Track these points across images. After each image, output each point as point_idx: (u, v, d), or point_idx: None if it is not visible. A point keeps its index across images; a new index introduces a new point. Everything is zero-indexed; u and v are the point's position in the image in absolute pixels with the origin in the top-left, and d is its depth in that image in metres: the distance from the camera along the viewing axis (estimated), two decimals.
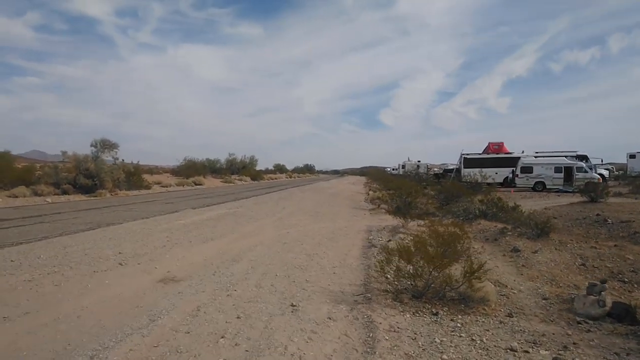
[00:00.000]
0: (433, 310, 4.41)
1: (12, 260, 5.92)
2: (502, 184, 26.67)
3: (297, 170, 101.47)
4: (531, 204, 15.28)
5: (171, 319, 3.91)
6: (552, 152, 26.78)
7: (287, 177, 72.39)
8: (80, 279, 5.14)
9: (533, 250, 6.89)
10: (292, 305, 4.41)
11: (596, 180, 22.43)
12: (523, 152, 28.21)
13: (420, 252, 4.70)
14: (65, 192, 19.04)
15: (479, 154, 29.98)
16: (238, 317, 4.01)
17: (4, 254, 6.29)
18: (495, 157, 28.80)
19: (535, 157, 25.68)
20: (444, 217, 14.92)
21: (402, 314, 4.28)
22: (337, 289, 5.09)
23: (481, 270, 4.51)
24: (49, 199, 17.14)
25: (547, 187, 23.47)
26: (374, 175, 59.06)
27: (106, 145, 20.21)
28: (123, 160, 22.04)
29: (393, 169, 78.10)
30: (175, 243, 7.57)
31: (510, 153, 29.02)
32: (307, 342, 3.52)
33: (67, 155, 19.68)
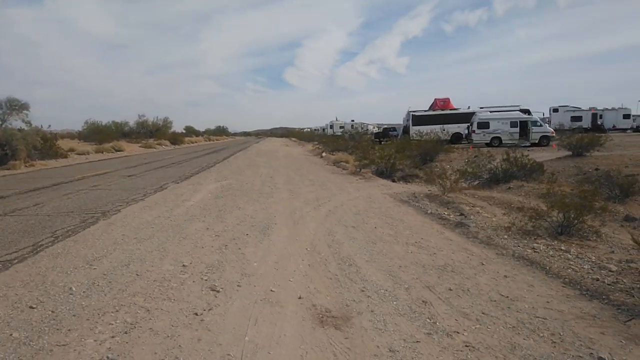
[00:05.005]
0: None
1: (31, 307, 3.37)
2: (450, 141, 26.79)
3: (209, 133, 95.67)
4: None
5: None
6: (498, 106, 27.72)
7: (206, 141, 67.20)
8: (193, 338, 2.93)
9: None
10: None
11: (550, 134, 23.83)
12: (469, 107, 28.98)
13: None
14: None
15: (426, 110, 30.15)
16: None
17: (2, 290, 3.76)
18: (446, 113, 29.02)
19: (491, 112, 26.18)
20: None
21: None
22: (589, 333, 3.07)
23: None
24: None
25: (504, 142, 23.68)
26: (305, 136, 58.15)
27: (14, 105, 15.54)
28: (33, 124, 17.46)
29: (315, 130, 79.34)
30: (230, 239, 5.64)
31: (457, 109, 29.67)
32: None
33: None
